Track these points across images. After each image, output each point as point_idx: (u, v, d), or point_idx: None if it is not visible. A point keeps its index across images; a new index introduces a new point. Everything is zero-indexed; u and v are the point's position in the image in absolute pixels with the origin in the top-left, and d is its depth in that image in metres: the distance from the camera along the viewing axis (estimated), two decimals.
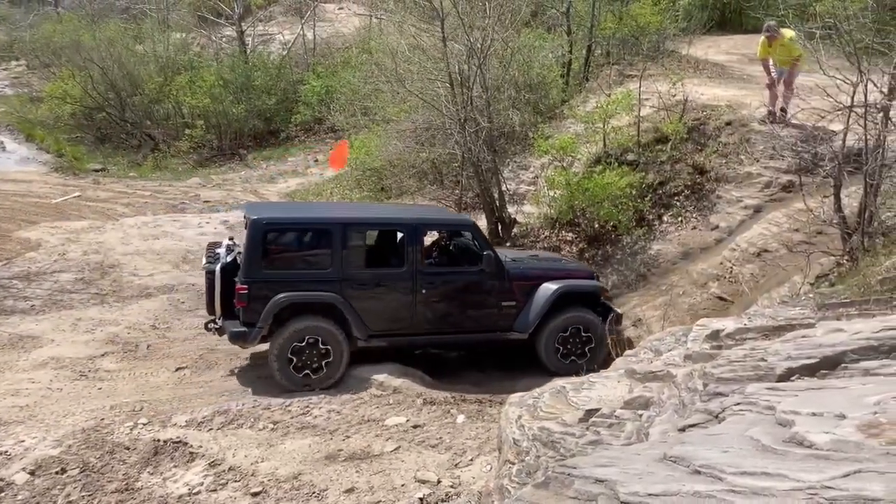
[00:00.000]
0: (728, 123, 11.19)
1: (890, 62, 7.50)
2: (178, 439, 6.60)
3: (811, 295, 6.71)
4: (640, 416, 4.14)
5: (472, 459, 6.27)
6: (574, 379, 5.61)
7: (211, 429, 6.82)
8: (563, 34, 15.75)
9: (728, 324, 5.37)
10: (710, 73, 14.32)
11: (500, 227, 11.78)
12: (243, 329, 7.62)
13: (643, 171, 11.21)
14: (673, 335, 6.14)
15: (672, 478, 2.50)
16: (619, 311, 8.77)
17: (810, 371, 3.55)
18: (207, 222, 13.42)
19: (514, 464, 4.48)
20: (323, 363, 7.71)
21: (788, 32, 10.26)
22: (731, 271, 9.30)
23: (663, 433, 3.55)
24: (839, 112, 7.69)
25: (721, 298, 9.08)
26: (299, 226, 8.19)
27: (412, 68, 12.15)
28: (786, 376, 3.58)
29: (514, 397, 5.42)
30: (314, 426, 6.98)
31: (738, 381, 3.74)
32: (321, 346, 7.68)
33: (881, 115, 7.41)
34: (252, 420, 7.01)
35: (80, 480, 5.93)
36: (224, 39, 22.08)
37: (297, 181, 15.96)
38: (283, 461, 6.22)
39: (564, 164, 11.94)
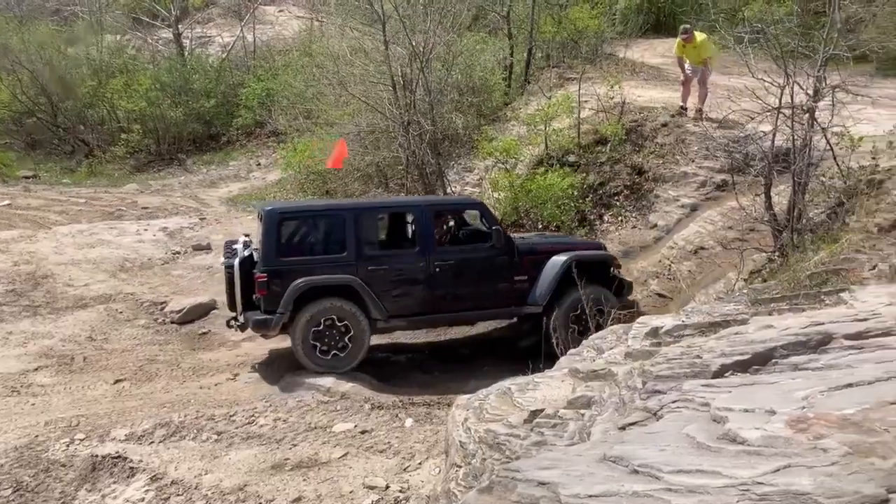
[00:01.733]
0: (664, 125, 11.51)
1: (815, 65, 7.82)
2: (117, 454, 6.40)
3: (745, 291, 6.94)
4: (583, 415, 4.21)
5: (420, 463, 6.27)
6: (519, 379, 5.66)
7: (152, 442, 6.64)
8: (504, 37, 15.91)
9: (667, 321, 5.49)
10: (647, 75, 14.68)
11: None
12: (265, 317, 7.77)
13: (584, 172, 11.44)
14: (615, 333, 6.24)
15: (612, 478, 2.56)
16: (629, 279, 8.97)
17: (743, 367, 3.67)
18: (146, 229, 13.07)
19: (460, 467, 4.50)
20: (346, 340, 7.86)
21: (701, 35, 11.11)
22: (670, 269, 9.56)
23: (605, 432, 3.62)
24: (768, 113, 7.98)
25: (661, 295, 9.32)
26: (312, 214, 8.38)
27: (354, 71, 12.09)
28: (720, 373, 3.70)
29: (461, 399, 5.45)
30: (260, 435, 6.87)
31: (675, 379, 3.84)
32: (341, 326, 7.83)
33: (807, 116, 7.73)
34: (195, 431, 6.85)
35: (13, 501, 5.70)
36: (160, 42, 21.52)
37: (240, 186, 15.69)
38: (227, 473, 6.09)
39: (508, 166, 12.07)
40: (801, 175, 7.70)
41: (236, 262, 8.03)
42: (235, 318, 8.32)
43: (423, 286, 8.20)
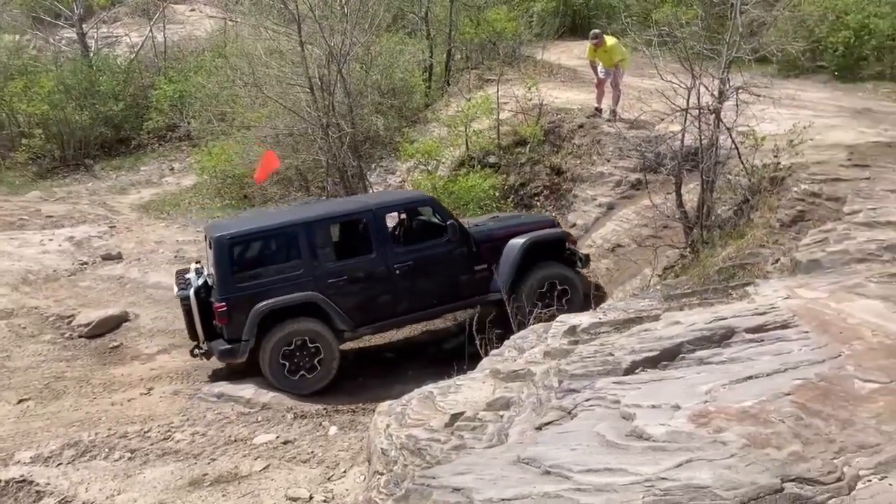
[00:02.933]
0: (580, 126, 11.73)
1: (719, 67, 8.13)
2: (22, 478, 6.07)
3: (658, 287, 7.15)
4: (502, 416, 4.25)
5: (345, 472, 6.19)
6: (442, 383, 5.66)
7: (60, 463, 6.32)
8: (423, 39, 15.92)
9: (584, 319, 5.59)
10: (564, 77, 14.93)
11: None
12: (230, 346, 7.60)
13: (505, 173, 11.55)
14: (535, 332, 6.30)
15: (524, 480, 2.58)
16: (584, 252, 9.08)
17: (653, 363, 3.78)
18: (51, 239, 12.41)
19: (382, 475, 4.47)
20: (315, 361, 7.71)
21: (611, 39, 11.33)
22: (589, 266, 9.75)
23: (521, 433, 3.66)
24: (677, 114, 8.25)
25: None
26: (263, 233, 8.06)
27: (270, 73, 11.84)
28: (631, 369, 3.80)
29: (383, 406, 5.41)
30: (176, 451, 6.64)
31: (589, 377, 3.92)
32: (310, 346, 7.68)
33: (713, 116, 8.02)
34: (107, 450, 6.56)
35: None
36: (63, 42, 20.49)
37: (152, 191, 15.11)
38: (142, 492, 5.86)
39: (430, 168, 12.07)
40: (709, 173, 7.98)
41: (191, 292, 7.81)
42: (198, 347, 8.06)
43: (385, 290, 8.09)
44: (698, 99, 7.92)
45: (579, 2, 18.79)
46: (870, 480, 2.34)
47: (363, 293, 8.03)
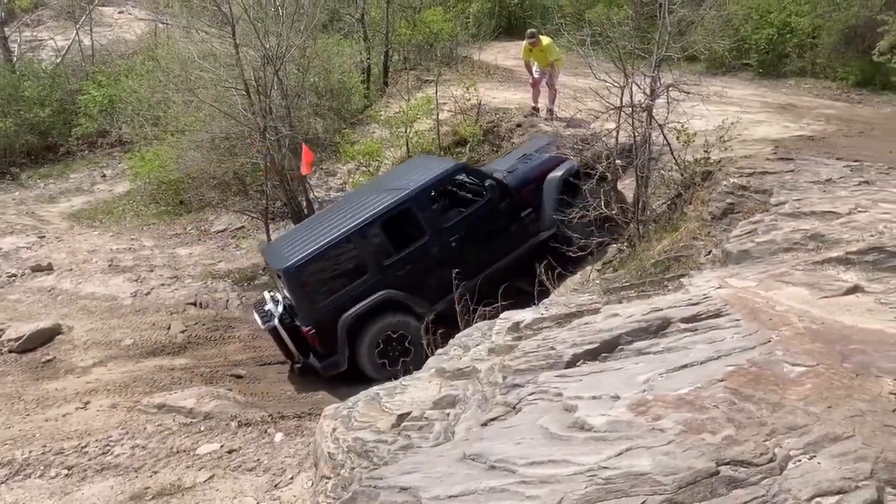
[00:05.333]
0: (519, 125, 11.89)
1: (650, 66, 8.34)
2: None
3: (598, 281, 7.30)
4: (448, 414, 4.27)
5: (292, 478, 6.14)
6: (388, 384, 5.65)
7: None
8: (360, 40, 15.84)
9: (527, 315, 5.65)
10: (501, 77, 15.10)
11: None
12: (332, 360, 8.12)
13: None
14: (479, 329, 6.35)
15: (470, 476, 2.61)
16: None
17: (593, 355, 3.86)
18: None
19: (330, 479, 4.43)
20: (406, 344, 8.16)
21: (546, 39, 11.53)
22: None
23: (468, 430, 3.69)
24: (611, 112, 8.43)
25: (523, 290, 9.59)
26: (324, 251, 8.25)
27: (204, 75, 11.58)
28: (573, 362, 3.87)
29: (329, 409, 5.36)
30: (116, 465, 6.48)
31: (532, 371, 3.98)
32: (397, 335, 8.16)
33: (645, 113, 8.23)
34: (42, 468, 6.35)
35: None
36: None
37: (84, 199, 14.59)
38: None
39: (371, 169, 12.03)
40: (644, 169, 8.19)
41: (276, 322, 8.22)
42: (296, 362, 8.57)
43: (446, 264, 8.19)
44: (631, 97, 8.11)
45: (514, 3, 19.01)
46: (800, 460, 2.45)
47: (428, 274, 8.36)
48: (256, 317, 8.69)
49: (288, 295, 8.24)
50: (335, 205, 10.30)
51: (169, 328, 9.46)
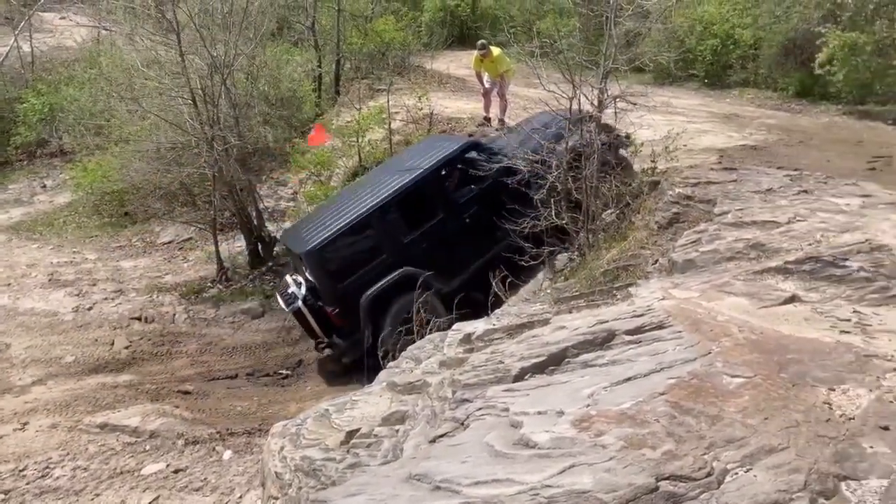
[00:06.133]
0: (470, 135, 11.91)
1: (598, 77, 8.46)
2: None
3: (549, 291, 7.35)
4: (397, 431, 4.23)
5: (241, 497, 6.03)
6: (337, 400, 5.57)
7: None
8: (310, 49, 15.71)
9: (479, 326, 5.65)
10: (453, 87, 15.16)
11: (260, 247, 11.42)
12: (354, 338, 8.22)
13: None
14: (432, 342, 6.32)
15: (415, 498, 2.58)
16: None
17: (540, 368, 3.87)
18: None
19: (277, 499, 4.35)
20: (430, 318, 7.90)
21: (496, 50, 11.59)
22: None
23: (416, 447, 3.66)
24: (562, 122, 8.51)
25: (474, 300, 9.60)
26: (344, 232, 8.39)
27: (150, 84, 11.31)
28: (520, 376, 3.87)
29: (277, 427, 5.26)
30: (56, 489, 6.28)
31: (481, 386, 3.96)
32: (420, 312, 7.97)
33: (593, 124, 8.34)
34: None
35: None
36: None
37: (23, 211, 14.08)
38: None
39: (322, 179, 11.92)
40: (592, 179, 8.29)
41: (300, 304, 8.37)
42: (320, 342, 8.74)
43: (463, 240, 8.59)
44: (579, 108, 8.20)
45: (465, 13, 19.12)
46: (737, 473, 2.49)
47: (446, 250, 8.54)
48: (280, 300, 8.88)
49: (311, 277, 8.41)
50: (350, 187, 10.37)
51: (112, 344, 9.21)
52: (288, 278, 8.97)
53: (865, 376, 3.24)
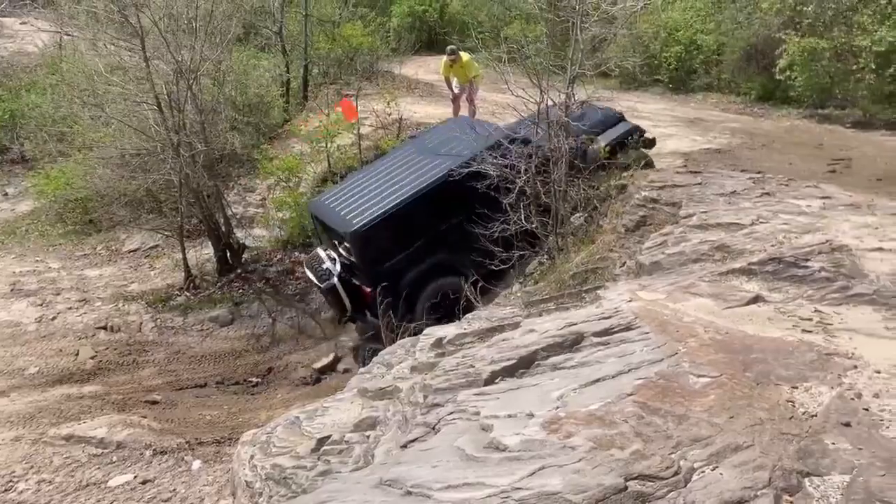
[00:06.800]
0: None
1: (565, 82, 8.54)
2: None
3: (519, 294, 7.39)
4: (368, 437, 4.22)
5: None
6: (308, 407, 5.54)
7: None
8: (278, 53, 15.61)
9: (450, 330, 5.67)
10: (422, 91, 15.18)
11: (228, 254, 11.29)
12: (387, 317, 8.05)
13: None
14: (403, 347, 6.32)
15: (387, 503, 2.57)
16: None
17: (510, 372, 3.90)
18: None
19: None
20: (459, 301, 7.99)
21: (465, 56, 11.66)
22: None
23: (387, 452, 3.66)
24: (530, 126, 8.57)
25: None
26: (389, 215, 8.39)
27: (113, 90, 11.13)
28: (491, 379, 3.89)
29: (247, 435, 5.22)
30: (20, 503, 6.10)
31: (452, 390, 3.98)
32: (451, 296, 8.23)
33: (561, 128, 8.41)
34: None
35: None
36: None
37: None
38: None
39: (291, 185, 11.82)
40: (560, 183, 8.36)
41: (335, 281, 8.52)
42: (344, 315, 8.83)
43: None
44: (547, 112, 8.27)
45: (433, 19, 19.16)
46: (703, 472, 2.53)
47: (476, 238, 8.35)
48: (310, 275, 8.98)
49: (352, 256, 8.51)
50: (379, 162, 10.04)
51: (77, 354, 9.03)
52: (321, 252, 9.03)
53: (827, 374, 3.32)
